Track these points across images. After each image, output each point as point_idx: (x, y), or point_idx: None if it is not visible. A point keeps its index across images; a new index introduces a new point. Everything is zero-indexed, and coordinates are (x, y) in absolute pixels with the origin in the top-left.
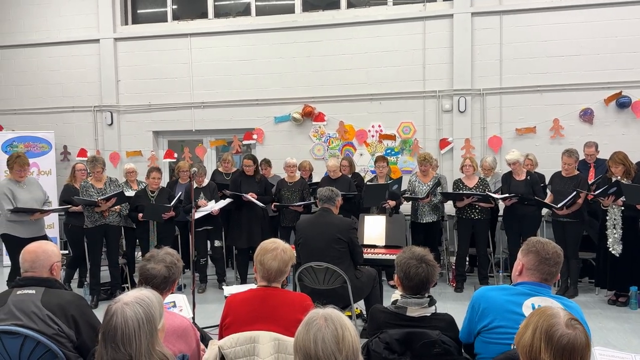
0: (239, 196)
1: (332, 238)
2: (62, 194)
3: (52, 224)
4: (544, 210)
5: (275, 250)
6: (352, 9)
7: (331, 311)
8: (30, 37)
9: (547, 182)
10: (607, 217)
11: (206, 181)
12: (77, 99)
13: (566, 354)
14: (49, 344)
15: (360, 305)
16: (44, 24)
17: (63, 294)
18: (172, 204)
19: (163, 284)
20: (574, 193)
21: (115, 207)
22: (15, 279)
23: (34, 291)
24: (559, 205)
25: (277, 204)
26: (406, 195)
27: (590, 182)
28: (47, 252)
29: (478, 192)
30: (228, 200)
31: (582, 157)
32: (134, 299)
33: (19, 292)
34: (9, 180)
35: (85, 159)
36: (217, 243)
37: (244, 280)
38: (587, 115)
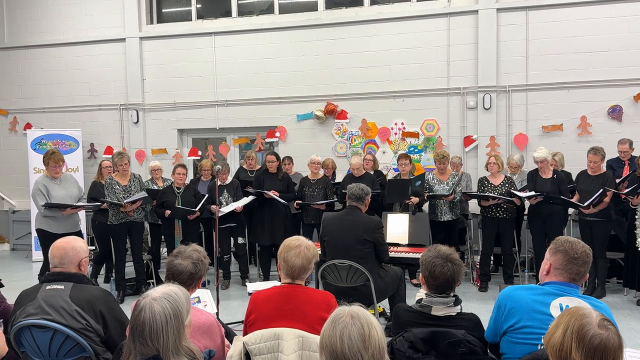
0: (262, 193)
1: (357, 239)
2: (89, 191)
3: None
4: (571, 210)
5: (299, 247)
6: (376, 6)
7: (357, 309)
8: (57, 36)
9: (573, 180)
10: (637, 216)
11: (229, 179)
12: (103, 97)
13: (597, 355)
14: (77, 338)
15: (383, 304)
16: (71, 23)
17: (91, 290)
18: (198, 207)
19: (189, 280)
20: (600, 191)
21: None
22: (45, 274)
23: (62, 286)
24: (585, 204)
25: (300, 202)
26: (428, 193)
27: (618, 180)
28: (76, 248)
29: (503, 193)
30: (251, 198)
31: (616, 154)
32: (162, 294)
33: (48, 287)
34: (44, 176)
35: (112, 156)
36: (240, 240)
37: (266, 277)
38: (615, 113)
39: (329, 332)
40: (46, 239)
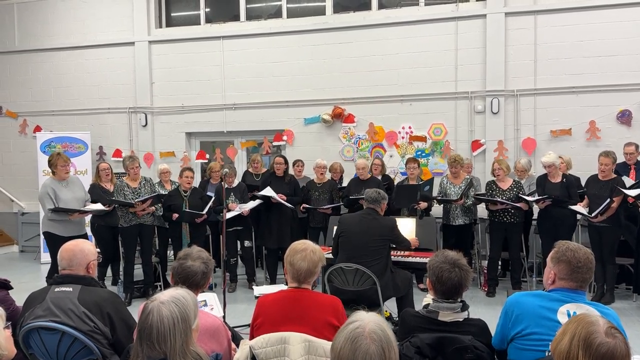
0: (268, 197)
1: (374, 238)
2: (89, 192)
3: (88, 222)
4: (579, 214)
5: (305, 251)
6: (383, 10)
7: (377, 327)
8: (67, 40)
9: (582, 184)
10: None
11: (236, 182)
12: (112, 100)
13: None
14: (85, 341)
15: (390, 308)
16: (81, 27)
17: (99, 292)
18: (205, 210)
19: (202, 280)
20: (608, 201)
21: (150, 208)
22: (53, 276)
23: (71, 289)
24: (592, 215)
25: (306, 205)
26: (439, 197)
27: (628, 187)
28: (84, 250)
29: (511, 197)
30: (258, 201)
31: (622, 158)
32: (170, 298)
33: (56, 290)
34: (52, 180)
35: (120, 159)
36: (246, 243)
37: (273, 281)
38: (624, 117)
39: (347, 349)
40: (53, 241)
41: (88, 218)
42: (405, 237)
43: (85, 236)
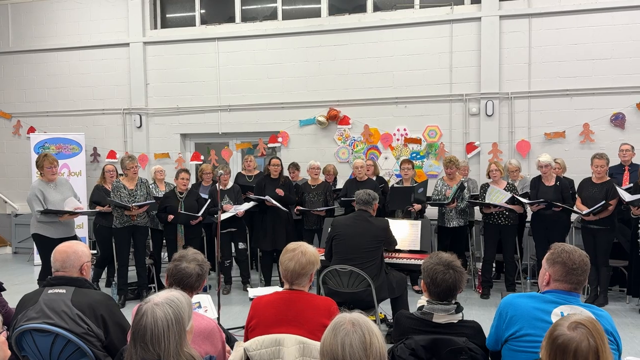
0: (263, 200)
1: (368, 239)
2: (92, 194)
3: (81, 223)
4: (573, 217)
5: (294, 251)
6: (379, 12)
7: (358, 316)
8: (62, 41)
9: (576, 188)
10: None
11: (230, 183)
12: (107, 101)
13: (559, 354)
14: (78, 343)
15: (385, 310)
16: (76, 28)
17: (93, 294)
18: (200, 212)
19: (197, 282)
20: (602, 203)
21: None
22: (46, 278)
23: (64, 290)
24: (584, 212)
25: (300, 208)
26: (432, 200)
27: (622, 189)
28: (78, 252)
29: (506, 203)
30: (252, 203)
31: (615, 160)
32: (164, 299)
33: (50, 291)
34: (40, 181)
35: (115, 160)
36: (240, 245)
37: (267, 283)
38: (618, 120)
39: (329, 339)
40: (43, 243)
41: (85, 219)
42: (395, 238)
43: (74, 238)
